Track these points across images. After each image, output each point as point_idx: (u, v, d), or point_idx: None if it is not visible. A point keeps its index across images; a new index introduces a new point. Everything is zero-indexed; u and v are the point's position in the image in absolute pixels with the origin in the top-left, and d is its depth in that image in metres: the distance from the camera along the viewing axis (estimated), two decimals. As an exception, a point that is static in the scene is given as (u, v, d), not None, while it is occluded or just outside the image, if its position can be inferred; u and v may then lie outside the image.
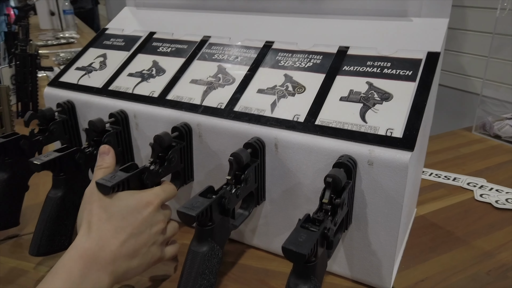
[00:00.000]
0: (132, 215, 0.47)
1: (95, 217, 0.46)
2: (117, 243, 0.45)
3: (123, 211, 0.47)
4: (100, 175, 0.50)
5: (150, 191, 0.51)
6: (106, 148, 0.53)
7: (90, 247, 0.44)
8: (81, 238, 0.45)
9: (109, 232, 0.45)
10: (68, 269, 0.42)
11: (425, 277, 0.57)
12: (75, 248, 0.44)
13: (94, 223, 0.46)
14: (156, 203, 0.50)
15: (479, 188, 0.80)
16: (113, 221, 0.46)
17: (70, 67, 0.76)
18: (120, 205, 0.47)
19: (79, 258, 0.43)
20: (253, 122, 0.55)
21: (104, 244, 0.45)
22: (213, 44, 0.69)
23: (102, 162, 0.52)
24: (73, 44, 2.39)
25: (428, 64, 0.54)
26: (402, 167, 0.46)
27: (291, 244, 0.38)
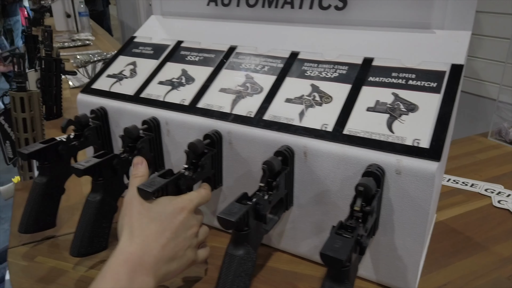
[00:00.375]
0: (170, 220, 0.50)
1: (137, 222, 0.49)
2: (159, 247, 0.48)
3: (161, 216, 0.50)
4: (137, 183, 0.52)
5: (185, 197, 0.53)
6: (139, 159, 0.57)
7: (135, 252, 0.47)
8: (125, 243, 0.48)
9: (151, 236, 0.48)
10: (116, 273, 0.44)
11: (447, 281, 0.59)
12: (120, 253, 0.47)
13: (136, 228, 0.48)
14: (190, 208, 0.52)
15: (496, 194, 0.81)
16: (153, 226, 0.49)
17: (101, 75, 0.79)
18: (159, 211, 0.50)
19: (125, 263, 0.45)
20: (282, 131, 0.58)
21: (148, 248, 0.47)
22: (240, 54, 0.72)
23: (137, 171, 0.55)
24: (89, 46, 2.43)
25: (452, 76, 0.56)
26: (429, 176, 0.48)
27: (329, 250, 0.40)
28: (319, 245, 0.60)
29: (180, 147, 0.68)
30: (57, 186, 0.66)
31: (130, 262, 0.45)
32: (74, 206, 0.78)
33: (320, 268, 0.61)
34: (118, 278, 0.44)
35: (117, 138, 0.75)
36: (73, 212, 0.76)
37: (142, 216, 0.49)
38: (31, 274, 0.61)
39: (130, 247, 0.47)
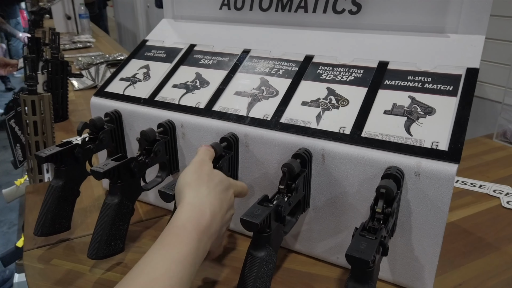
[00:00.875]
0: (226, 192, 0.52)
1: (205, 184, 0.50)
2: (220, 216, 0.49)
3: (221, 185, 0.51)
4: (208, 155, 0.55)
5: (238, 183, 0.56)
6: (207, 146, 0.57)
7: (205, 220, 0.46)
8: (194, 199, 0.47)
9: (216, 206, 0.49)
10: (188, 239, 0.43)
11: (462, 281, 0.59)
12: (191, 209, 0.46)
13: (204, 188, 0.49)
14: (233, 190, 0.54)
15: (505, 195, 0.82)
16: (217, 190, 0.50)
17: (114, 78, 0.79)
18: (221, 179, 0.52)
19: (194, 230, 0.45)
20: (300, 134, 0.58)
21: (215, 217, 0.47)
22: (254, 57, 0.72)
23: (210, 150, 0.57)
24: (90, 48, 2.43)
25: (468, 80, 0.57)
26: (449, 178, 0.49)
27: (355, 251, 0.41)
28: (334, 247, 0.61)
29: (195, 150, 0.67)
30: (72, 189, 0.67)
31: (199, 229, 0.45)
32: (87, 208, 0.78)
33: (336, 269, 0.62)
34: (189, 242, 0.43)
35: (131, 141, 0.75)
36: (86, 214, 0.76)
37: (210, 179, 0.50)
38: (48, 276, 0.61)
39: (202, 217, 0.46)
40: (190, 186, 0.49)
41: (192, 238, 0.44)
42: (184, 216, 0.46)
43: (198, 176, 0.50)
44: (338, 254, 0.61)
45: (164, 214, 0.76)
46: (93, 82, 1.64)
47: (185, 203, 0.47)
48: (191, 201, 0.47)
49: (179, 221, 0.45)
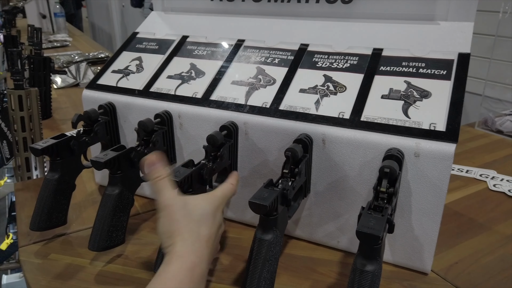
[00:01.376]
0: (212, 221, 0.49)
1: (185, 228, 0.47)
2: (208, 251, 0.47)
3: (205, 218, 0.48)
4: (167, 184, 0.49)
5: (218, 194, 0.52)
6: (154, 158, 0.51)
7: (194, 260, 0.45)
8: (181, 249, 0.45)
9: (203, 243, 0.47)
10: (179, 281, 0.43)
11: (458, 259, 0.62)
12: (180, 260, 0.45)
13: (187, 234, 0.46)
14: (223, 206, 0.52)
15: (491, 179, 0.85)
16: (202, 230, 0.47)
17: (106, 70, 0.78)
18: (202, 213, 0.49)
19: (188, 271, 0.44)
20: (300, 120, 0.59)
21: (202, 256, 0.46)
22: (249, 47, 0.73)
23: (160, 172, 0.50)
24: (67, 47, 2.38)
25: (460, 64, 0.59)
26: (448, 157, 0.51)
27: (365, 228, 0.42)
28: (335, 231, 0.62)
29: (193, 140, 0.68)
30: (68, 182, 0.65)
31: (192, 270, 0.44)
32: (81, 203, 0.77)
33: (337, 253, 0.63)
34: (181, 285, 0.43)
35: (125, 133, 0.75)
36: (81, 209, 0.75)
37: (188, 220, 0.47)
38: (47, 271, 0.60)
39: (191, 256, 0.45)
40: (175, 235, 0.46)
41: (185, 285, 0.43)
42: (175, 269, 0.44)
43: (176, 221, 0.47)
44: (339, 238, 0.62)
45: (160, 206, 0.76)
46: (75, 80, 1.60)
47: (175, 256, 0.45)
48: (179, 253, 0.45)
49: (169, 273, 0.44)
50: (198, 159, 0.58)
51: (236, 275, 0.59)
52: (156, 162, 0.51)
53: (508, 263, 0.61)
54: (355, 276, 0.43)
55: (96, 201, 0.78)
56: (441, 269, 0.59)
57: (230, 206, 0.69)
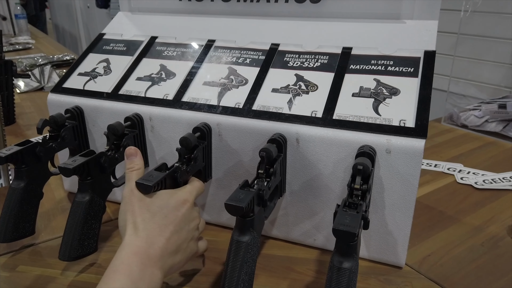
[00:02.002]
0: (173, 213, 0.50)
1: (139, 217, 0.48)
2: (163, 240, 0.47)
3: (164, 210, 0.49)
4: (134, 177, 0.51)
5: (184, 189, 0.53)
6: (133, 150, 0.54)
7: (141, 245, 0.46)
8: (130, 237, 0.46)
9: (154, 230, 0.47)
10: (127, 265, 0.43)
11: (430, 252, 0.63)
12: (128, 247, 0.45)
13: (139, 222, 0.48)
14: (191, 200, 0.52)
15: (458, 172, 0.88)
16: (156, 219, 0.48)
17: (72, 73, 0.75)
18: (161, 204, 0.49)
19: (134, 255, 0.44)
20: (273, 119, 0.59)
21: (153, 241, 0.47)
22: (219, 47, 0.72)
23: (133, 164, 0.53)
24: (30, 50, 2.29)
25: (426, 62, 0.60)
26: (418, 153, 0.52)
27: (341, 225, 0.42)
28: (311, 229, 0.63)
29: (165, 142, 0.67)
30: (35, 191, 0.63)
31: (139, 254, 0.45)
32: (49, 212, 0.74)
33: (313, 251, 0.63)
34: (130, 270, 0.43)
35: (94, 138, 0.72)
36: (49, 218, 0.72)
37: (144, 211, 0.48)
38: (15, 284, 0.57)
39: (136, 241, 0.46)
40: (127, 224, 0.48)
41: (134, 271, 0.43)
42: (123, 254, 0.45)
43: (131, 212, 0.48)
44: (315, 236, 0.63)
45: (133, 211, 0.74)
46: (39, 83, 1.55)
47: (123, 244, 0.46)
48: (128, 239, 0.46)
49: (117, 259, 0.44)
50: (171, 162, 0.57)
51: (214, 279, 0.58)
52: (134, 155, 0.54)
53: (478, 253, 0.63)
54: (332, 273, 0.43)
55: (66, 208, 0.75)
56: (414, 262, 0.61)
57: (206, 208, 0.69)
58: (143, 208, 0.49)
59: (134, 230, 0.47)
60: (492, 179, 0.85)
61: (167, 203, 0.50)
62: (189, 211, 0.52)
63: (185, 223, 0.51)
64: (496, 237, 0.67)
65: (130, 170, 0.53)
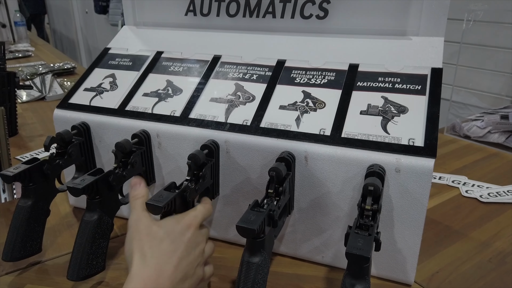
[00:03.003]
0: (179, 238, 0.49)
1: (147, 244, 0.48)
2: (172, 267, 0.47)
3: (170, 236, 0.49)
4: (139, 205, 0.52)
5: (190, 213, 0.52)
6: (137, 180, 0.56)
7: (150, 275, 0.45)
8: (138, 267, 0.46)
9: (162, 257, 0.47)
10: None
11: (439, 269, 0.63)
12: (136, 278, 0.45)
13: (147, 251, 0.47)
14: (196, 225, 0.52)
15: (463, 185, 0.89)
16: (163, 246, 0.48)
17: (78, 89, 0.75)
18: (167, 230, 0.49)
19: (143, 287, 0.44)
20: (282, 137, 0.59)
21: (161, 270, 0.46)
22: (226, 63, 0.72)
23: (136, 192, 0.54)
24: (30, 58, 2.29)
25: (434, 79, 0.60)
26: (427, 172, 0.52)
27: (354, 249, 0.42)
28: (319, 246, 0.63)
29: (172, 159, 0.67)
30: (42, 209, 0.62)
31: (148, 287, 0.44)
32: (55, 228, 0.74)
33: (322, 268, 0.63)
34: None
35: (101, 154, 0.72)
36: (55, 234, 0.72)
37: (151, 238, 0.48)
38: (22, 304, 0.57)
39: (145, 272, 0.45)
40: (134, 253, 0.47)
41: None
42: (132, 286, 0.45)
43: (138, 240, 0.48)
44: (323, 253, 0.63)
45: (139, 227, 0.74)
46: (40, 93, 1.54)
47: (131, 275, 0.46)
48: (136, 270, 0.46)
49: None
50: (178, 178, 0.57)
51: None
52: (138, 183, 0.55)
53: (486, 270, 0.63)
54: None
55: (71, 224, 0.75)
56: (423, 279, 0.61)
57: (213, 225, 0.69)
58: (150, 235, 0.48)
59: (142, 258, 0.46)
60: (497, 192, 0.85)
61: (173, 228, 0.50)
62: (195, 235, 0.51)
63: (192, 248, 0.50)
64: (503, 252, 0.67)
65: (134, 199, 0.53)
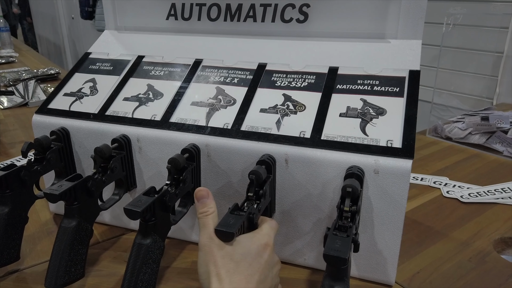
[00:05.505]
0: (256, 260, 0.46)
1: (223, 268, 0.44)
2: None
3: (247, 258, 0.46)
4: (211, 222, 0.48)
5: (262, 232, 0.49)
6: (204, 192, 0.51)
7: None
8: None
9: (241, 282, 0.44)
10: None
11: (419, 269, 0.64)
12: None
13: (223, 275, 0.44)
14: (272, 244, 0.49)
15: (444, 185, 0.90)
16: (241, 270, 0.45)
17: (58, 94, 0.75)
18: (244, 252, 0.46)
19: None
20: (262, 140, 0.59)
21: None
22: (207, 67, 0.72)
23: (206, 208, 0.49)
24: (13, 64, 2.26)
25: (411, 81, 0.61)
26: (405, 173, 0.53)
27: (332, 251, 0.42)
28: (301, 248, 0.63)
29: (153, 164, 0.66)
30: (20, 216, 0.61)
31: None
32: (35, 235, 0.73)
33: (304, 271, 0.63)
34: None
35: (81, 159, 0.71)
36: (35, 242, 0.71)
37: (227, 261, 0.45)
38: (-1, 314, 0.56)
39: None
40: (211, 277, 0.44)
41: None
42: None
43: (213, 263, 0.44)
44: (305, 256, 0.63)
45: (121, 233, 0.73)
46: (23, 99, 1.52)
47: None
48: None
49: None
50: (159, 183, 0.57)
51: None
52: (206, 196, 0.50)
53: (466, 270, 0.64)
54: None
55: (51, 231, 0.74)
56: (404, 280, 0.61)
57: (195, 229, 0.68)
58: (226, 258, 0.45)
59: (219, 284, 0.43)
60: (477, 192, 0.86)
61: (249, 249, 0.46)
62: (271, 256, 0.48)
63: (269, 270, 0.47)
64: (483, 252, 0.68)
65: (204, 215, 0.49)
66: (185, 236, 0.69)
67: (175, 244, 0.69)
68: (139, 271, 0.51)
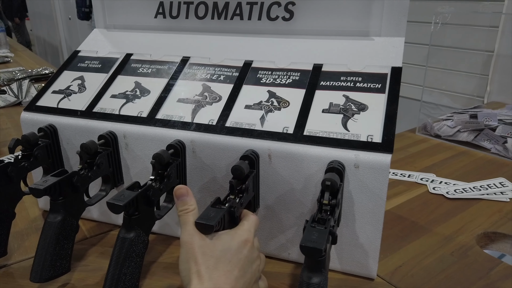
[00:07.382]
0: (236, 256, 0.47)
1: (203, 265, 0.45)
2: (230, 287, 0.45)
3: (227, 254, 0.46)
4: (191, 219, 0.48)
5: (243, 228, 0.50)
6: (184, 190, 0.51)
7: None
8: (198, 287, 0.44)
9: (220, 278, 0.44)
10: None
11: (402, 263, 0.65)
12: None
13: (203, 271, 0.44)
14: (251, 240, 0.49)
15: (430, 182, 0.91)
16: (220, 266, 0.45)
17: (46, 91, 0.75)
18: (224, 248, 0.46)
19: None
20: (246, 136, 0.60)
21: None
22: (194, 64, 0.73)
23: (186, 205, 0.50)
24: (9, 64, 2.26)
25: (393, 78, 0.62)
26: (384, 167, 0.54)
27: (308, 242, 0.43)
28: (285, 243, 0.64)
29: (139, 160, 0.67)
30: (7, 211, 0.62)
31: None
32: (23, 231, 0.73)
33: (288, 265, 0.64)
34: None
35: (69, 156, 0.72)
36: (23, 238, 0.72)
37: (207, 258, 0.45)
38: (-15, 307, 0.57)
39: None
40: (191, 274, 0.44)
41: None
42: None
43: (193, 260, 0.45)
44: (289, 250, 0.63)
45: (109, 229, 0.74)
46: (17, 98, 1.53)
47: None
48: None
49: None
50: (146, 179, 0.58)
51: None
52: (185, 194, 0.51)
53: (447, 263, 0.65)
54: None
55: (40, 228, 0.73)
56: (386, 273, 0.62)
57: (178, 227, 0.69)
58: (206, 254, 0.45)
59: (199, 281, 0.44)
60: (463, 188, 0.87)
61: (230, 246, 0.47)
62: (251, 252, 0.48)
63: (248, 266, 0.48)
64: (465, 246, 0.69)
65: (184, 212, 0.49)
66: (172, 231, 0.70)
67: (162, 240, 0.70)
68: (123, 265, 0.51)
